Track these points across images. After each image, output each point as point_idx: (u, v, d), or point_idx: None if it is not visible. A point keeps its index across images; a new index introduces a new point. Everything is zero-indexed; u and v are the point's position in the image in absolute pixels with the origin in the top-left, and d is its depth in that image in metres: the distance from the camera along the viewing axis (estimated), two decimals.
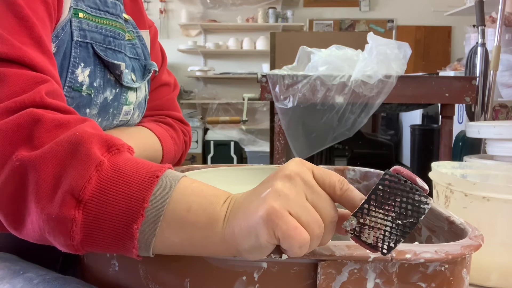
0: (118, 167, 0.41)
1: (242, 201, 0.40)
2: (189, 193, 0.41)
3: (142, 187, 0.40)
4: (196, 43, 4.69)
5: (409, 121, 3.82)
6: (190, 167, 0.86)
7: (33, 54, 0.51)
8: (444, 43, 4.86)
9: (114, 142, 0.44)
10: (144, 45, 0.80)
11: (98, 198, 0.40)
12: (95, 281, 0.54)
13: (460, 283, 0.45)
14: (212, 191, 0.42)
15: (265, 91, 1.74)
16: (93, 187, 0.40)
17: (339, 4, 4.88)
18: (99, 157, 0.41)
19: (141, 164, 0.42)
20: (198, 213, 0.40)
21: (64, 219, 0.40)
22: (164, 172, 0.42)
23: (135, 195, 0.40)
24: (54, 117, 0.45)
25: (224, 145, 4.25)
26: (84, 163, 0.40)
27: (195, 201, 0.41)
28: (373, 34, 1.69)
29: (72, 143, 0.42)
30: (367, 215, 0.39)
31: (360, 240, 0.39)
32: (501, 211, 0.78)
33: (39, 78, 0.49)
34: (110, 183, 0.40)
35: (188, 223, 0.40)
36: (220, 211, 0.40)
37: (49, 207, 0.40)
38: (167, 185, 0.41)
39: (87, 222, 0.40)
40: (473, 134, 1.69)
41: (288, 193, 0.37)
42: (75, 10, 0.63)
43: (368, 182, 0.86)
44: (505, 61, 2.46)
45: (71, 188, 0.40)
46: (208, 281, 0.45)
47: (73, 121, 0.45)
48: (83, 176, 0.40)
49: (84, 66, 0.64)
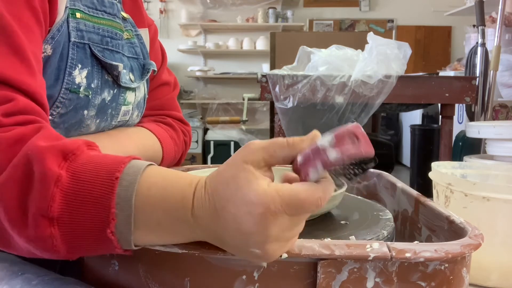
0: (78, 175, 0.41)
1: (223, 202, 0.39)
2: (153, 185, 0.41)
3: (104, 193, 0.40)
4: (196, 43, 4.69)
5: (409, 121, 3.82)
6: (190, 167, 0.85)
7: (4, 66, 0.49)
8: (444, 43, 4.86)
9: (69, 148, 0.43)
10: (143, 44, 0.80)
11: (68, 212, 0.40)
12: (95, 281, 0.54)
13: (460, 282, 0.45)
14: (176, 176, 0.43)
15: (265, 91, 1.75)
16: (59, 204, 0.40)
17: (339, 4, 4.88)
18: (56, 171, 0.40)
19: (99, 165, 0.42)
20: (168, 202, 0.41)
21: (43, 238, 0.41)
22: (123, 169, 0.41)
23: (100, 202, 0.40)
24: (7, 136, 0.44)
25: (224, 145, 4.25)
26: (43, 182, 0.40)
27: (161, 193, 0.41)
28: (373, 34, 1.69)
29: (27, 164, 0.41)
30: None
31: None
32: (501, 211, 0.78)
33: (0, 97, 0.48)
34: (74, 195, 0.40)
35: (160, 215, 0.41)
36: (189, 195, 0.41)
37: (25, 231, 0.41)
38: (130, 183, 0.41)
39: (66, 235, 0.41)
40: (473, 134, 1.69)
41: (275, 234, 0.38)
42: (72, 10, 0.63)
43: (368, 182, 0.86)
44: (505, 61, 2.47)
45: (38, 210, 0.40)
46: (208, 280, 0.45)
47: (28, 132, 0.45)
48: (45, 196, 0.40)
49: (82, 67, 0.63)
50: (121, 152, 0.69)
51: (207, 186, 0.40)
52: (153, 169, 0.43)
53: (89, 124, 0.67)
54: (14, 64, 0.51)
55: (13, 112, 0.48)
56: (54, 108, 0.60)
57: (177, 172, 0.44)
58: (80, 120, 0.65)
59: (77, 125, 0.65)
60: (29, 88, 0.51)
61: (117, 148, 0.69)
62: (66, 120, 0.62)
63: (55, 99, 0.60)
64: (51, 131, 0.46)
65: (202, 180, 0.42)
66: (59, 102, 0.60)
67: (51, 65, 0.59)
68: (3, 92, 0.49)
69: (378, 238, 0.53)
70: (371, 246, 0.43)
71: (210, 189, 0.40)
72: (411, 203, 0.67)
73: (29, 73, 0.52)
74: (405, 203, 0.70)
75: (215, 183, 0.40)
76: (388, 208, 0.72)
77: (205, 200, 0.40)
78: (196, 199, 0.40)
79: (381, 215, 0.61)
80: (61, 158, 0.42)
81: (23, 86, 0.50)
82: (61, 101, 0.61)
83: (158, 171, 0.43)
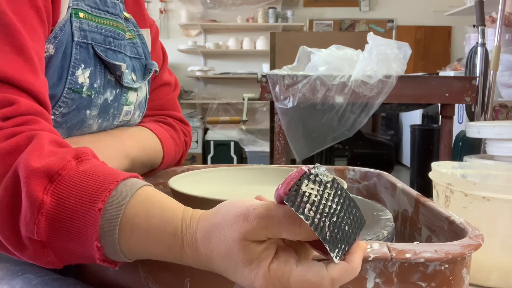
0: (62, 201, 0.40)
1: (222, 270, 0.38)
2: (136, 227, 0.40)
3: (87, 224, 0.40)
4: (196, 43, 4.69)
5: (409, 121, 3.82)
6: (190, 167, 0.86)
7: (7, 65, 0.50)
8: (444, 43, 4.86)
9: (55, 168, 0.42)
10: (145, 44, 0.80)
11: (55, 237, 0.41)
12: (95, 281, 0.54)
13: (460, 283, 0.45)
14: (160, 221, 0.41)
15: (265, 91, 1.75)
16: (45, 230, 0.40)
17: (339, 4, 4.88)
18: (39, 197, 0.40)
19: (85, 189, 0.41)
20: (154, 248, 0.40)
21: (40, 257, 0.42)
22: (108, 198, 0.40)
23: (83, 234, 0.40)
24: (1, 146, 0.44)
25: (224, 145, 4.25)
26: (29, 208, 0.40)
27: (143, 241, 0.40)
28: (373, 34, 1.69)
29: (16, 186, 0.42)
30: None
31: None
32: (501, 211, 0.78)
33: (2, 100, 0.48)
34: (59, 222, 0.40)
35: (146, 255, 0.41)
36: (176, 246, 0.40)
37: (22, 251, 0.42)
38: (113, 216, 0.40)
39: (60, 255, 0.42)
40: (473, 134, 1.69)
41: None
42: (75, 10, 0.63)
43: (368, 182, 0.86)
44: (505, 61, 2.47)
45: (27, 233, 0.41)
46: (208, 281, 0.45)
47: (22, 142, 0.45)
48: (30, 221, 0.40)
49: (85, 67, 0.63)
50: (122, 151, 0.69)
51: (199, 248, 0.39)
52: (139, 197, 0.42)
53: (91, 124, 0.67)
54: (17, 63, 0.51)
55: (12, 115, 0.48)
56: (57, 108, 0.60)
57: (162, 212, 0.41)
58: (83, 119, 0.65)
59: (79, 124, 0.65)
60: (32, 87, 0.51)
61: (119, 147, 0.69)
62: (68, 119, 0.63)
63: (57, 98, 0.60)
64: (44, 139, 0.46)
65: (190, 235, 0.39)
66: (62, 101, 0.61)
67: (54, 65, 0.59)
68: (5, 94, 0.49)
69: (378, 238, 0.53)
70: (371, 246, 0.43)
71: (205, 255, 0.38)
72: (411, 203, 0.67)
73: (32, 72, 0.52)
74: (405, 203, 0.70)
75: (209, 251, 0.38)
76: (388, 208, 0.72)
77: (198, 260, 0.39)
78: (186, 255, 0.40)
79: (381, 215, 0.61)
80: (47, 181, 0.41)
81: (26, 85, 0.51)
82: (63, 101, 0.61)
83: (143, 204, 0.41)
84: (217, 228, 0.37)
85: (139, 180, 0.44)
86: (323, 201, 0.35)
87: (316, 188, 0.35)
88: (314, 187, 0.35)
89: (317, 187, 0.35)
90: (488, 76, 2.17)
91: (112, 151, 0.68)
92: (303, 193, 0.34)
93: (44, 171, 0.41)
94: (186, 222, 0.40)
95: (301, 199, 0.34)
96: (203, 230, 0.38)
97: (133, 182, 0.43)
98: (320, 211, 0.34)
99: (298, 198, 0.34)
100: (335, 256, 0.35)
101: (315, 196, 0.35)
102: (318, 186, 0.35)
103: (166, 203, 0.42)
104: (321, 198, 0.35)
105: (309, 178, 0.35)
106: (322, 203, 0.35)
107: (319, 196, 0.35)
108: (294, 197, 0.34)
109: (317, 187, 0.35)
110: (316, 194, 0.35)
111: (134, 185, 0.42)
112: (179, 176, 0.72)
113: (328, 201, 0.35)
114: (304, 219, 0.34)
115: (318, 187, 0.35)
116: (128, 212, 0.40)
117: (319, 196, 0.35)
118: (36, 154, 0.43)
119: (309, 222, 0.34)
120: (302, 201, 0.34)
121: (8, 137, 0.45)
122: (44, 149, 0.44)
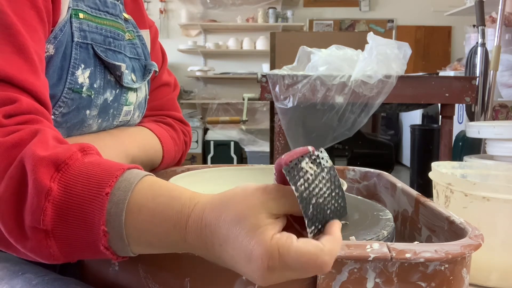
0: (69, 188, 0.41)
1: (222, 241, 0.38)
2: (143, 207, 0.41)
3: (95, 209, 0.40)
4: (196, 43, 4.69)
5: (409, 121, 3.82)
6: (190, 167, 0.86)
7: (8, 65, 0.50)
8: (444, 43, 4.86)
9: (61, 157, 0.42)
10: (144, 45, 0.80)
11: (61, 225, 0.41)
12: (95, 281, 0.54)
13: (460, 283, 0.45)
14: (168, 199, 0.41)
15: (265, 91, 1.74)
16: (51, 217, 0.40)
17: (339, 4, 4.88)
18: (47, 184, 0.40)
19: (91, 177, 0.41)
20: (160, 227, 0.40)
21: (41, 249, 0.42)
22: (114, 184, 0.41)
23: (90, 219, 0.40)
24: (5, 140, 0.44)
25: (224, 145, 4.25)
26: (35, 195, 0.40)
27: (150, 220, 0.41)
28: (373, 34, 1.69)
29: (22, 175, 0.42)
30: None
31: None
32: (501, 211, 0.78)
33: (4, 98, 0.48)
34: (66, 209, 0.40)
35: (150, 238, 0.41)
36: (182, 223, 0.40)
37: (23, 242, 0.42)
38: (120, 200, 0.40)
39: (63, 246, 0.42)
40: (473, 134, 1.69)
41: (273, 279, 0.37)
42: (75, 11, 0.63)
43: (368, 182, 0.86)
44: (505, 61, 2.47)
45: (32, 223, 0.41)
46: (208, 280, 0.45)
47: (26, 137, 0.45)
48: (37, 209, 0.40)
49: (85, 67, 0.63)
50: (122, 151, 0.70)
51: (205, 218, 0.39)
52: (146, 182, 0.42)
53: (91, 124, 0.67)
54: (18, 63, 0.51)
55: (15, 113, 0.48)
56: (57, 108, 0.61)
57: (169, 191, 0.42)
58: (82, 119, 0.65)
59: (79, 124, 0.65)
60: (33, 87, 0.51)
61: (119, 147, 0.70)
62: (68, 119, 0.63)
63: (57, 98, 0.60)
64: (48, 134, 0.46)
65: (198, 209, 0.40)
66: (62, 101, 0.61)
67: (54, 65, 0.60)
68: (6, 92, 0.49)
69: (378, 238, 0.53)
70: (371, 246, 0.43)
71: (209, 224, 0.39)
72: (411, 203, 0.67)
73: (32, 72, 0.52)
74: (405, 203, 0.70)
75: (216, 219, 0.39)
76: (388, 208, 0.72)
77: (200, 233, 0.39)
78: (190, 229, 0.40)
79: (381, 215, 0.61)
80: (54, 169, 0.42)
81: (26, 85, 0.51)
82: (63, 101, 0.61)
83: (150, 187, 0.42)
84: (232, 199, 0.39)
85: (143, 171, 0.45)
86: (316, 182, 0.38)
87: (314, 168, 0.39)
88: (312, 167, 0.38)
89: (315, 167, 0.39)
90: (488, 76, 2.17)
91: (112, 151, 0.68)
92: (301, 168, 0.38)
93: (51, 159, 0.42)
94: (195, 200, 0.41)
95: (297, 173, 0.38)
96: (213, 203, 0.40)
97: (138, 171, 0.44)
98: (311, 189, 0.38)
99: (296, 171, 0.38)
100: (310, 232, 0.38)
101: (311, 175, 0.38)
102: (316, 168, 0.39)
103: (173, 186, 0.43)
104: (315, 178, 0.38)
105: (311, 157, 0.39)
106: (315, 183, 0.38)
107: (314, 176, 0.38)
108: (292, 169, 0.38)
109: (315, 167, 0.39)
110: (312, 174, 0.38)
111: (140, 173, 0.43)
112: (179, 176, 0.72)
113: (321, 183, 0.39)
114: (294, 190, 0.37)
115: (316, 168, 0.39)
116: (135, 195, 0.41)
117: (314, 176, 0.38)
118: (42, 145, 0.44)
119: (297, 194, 0.37)
120: (298, 175, 0.38)
121: (11, 134, 0.45)
122: (49, 142, 0.45)
